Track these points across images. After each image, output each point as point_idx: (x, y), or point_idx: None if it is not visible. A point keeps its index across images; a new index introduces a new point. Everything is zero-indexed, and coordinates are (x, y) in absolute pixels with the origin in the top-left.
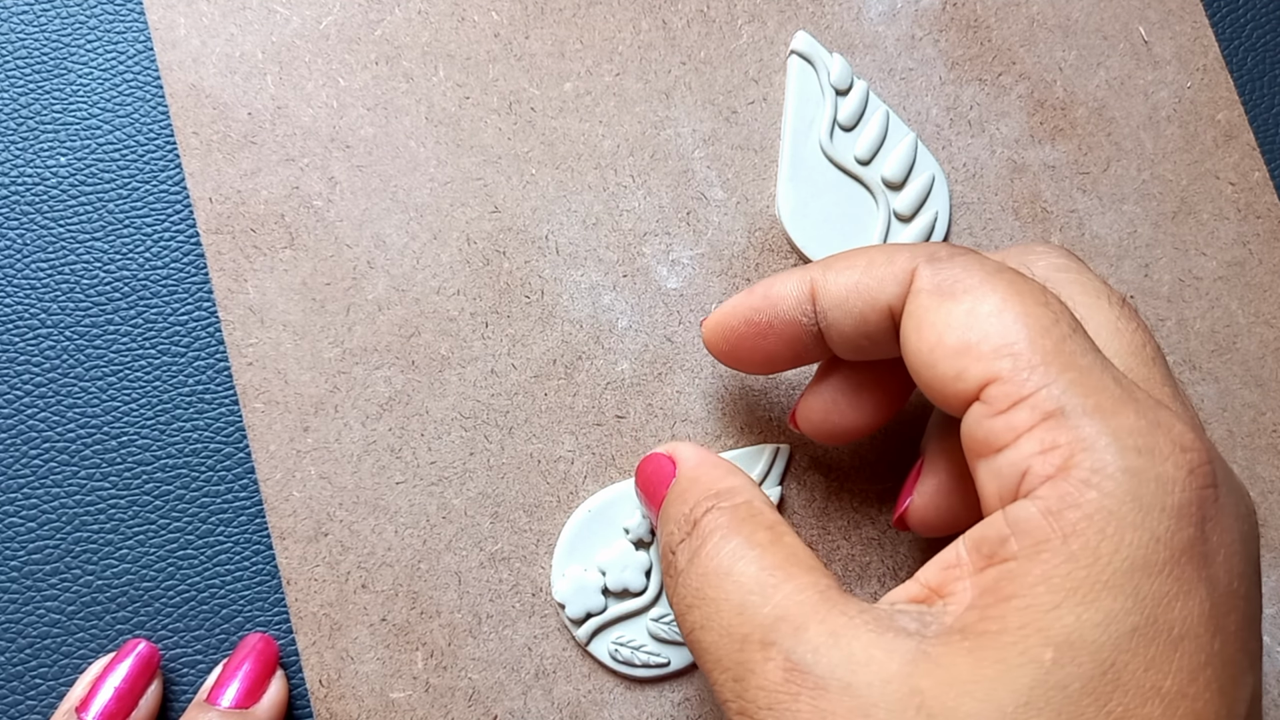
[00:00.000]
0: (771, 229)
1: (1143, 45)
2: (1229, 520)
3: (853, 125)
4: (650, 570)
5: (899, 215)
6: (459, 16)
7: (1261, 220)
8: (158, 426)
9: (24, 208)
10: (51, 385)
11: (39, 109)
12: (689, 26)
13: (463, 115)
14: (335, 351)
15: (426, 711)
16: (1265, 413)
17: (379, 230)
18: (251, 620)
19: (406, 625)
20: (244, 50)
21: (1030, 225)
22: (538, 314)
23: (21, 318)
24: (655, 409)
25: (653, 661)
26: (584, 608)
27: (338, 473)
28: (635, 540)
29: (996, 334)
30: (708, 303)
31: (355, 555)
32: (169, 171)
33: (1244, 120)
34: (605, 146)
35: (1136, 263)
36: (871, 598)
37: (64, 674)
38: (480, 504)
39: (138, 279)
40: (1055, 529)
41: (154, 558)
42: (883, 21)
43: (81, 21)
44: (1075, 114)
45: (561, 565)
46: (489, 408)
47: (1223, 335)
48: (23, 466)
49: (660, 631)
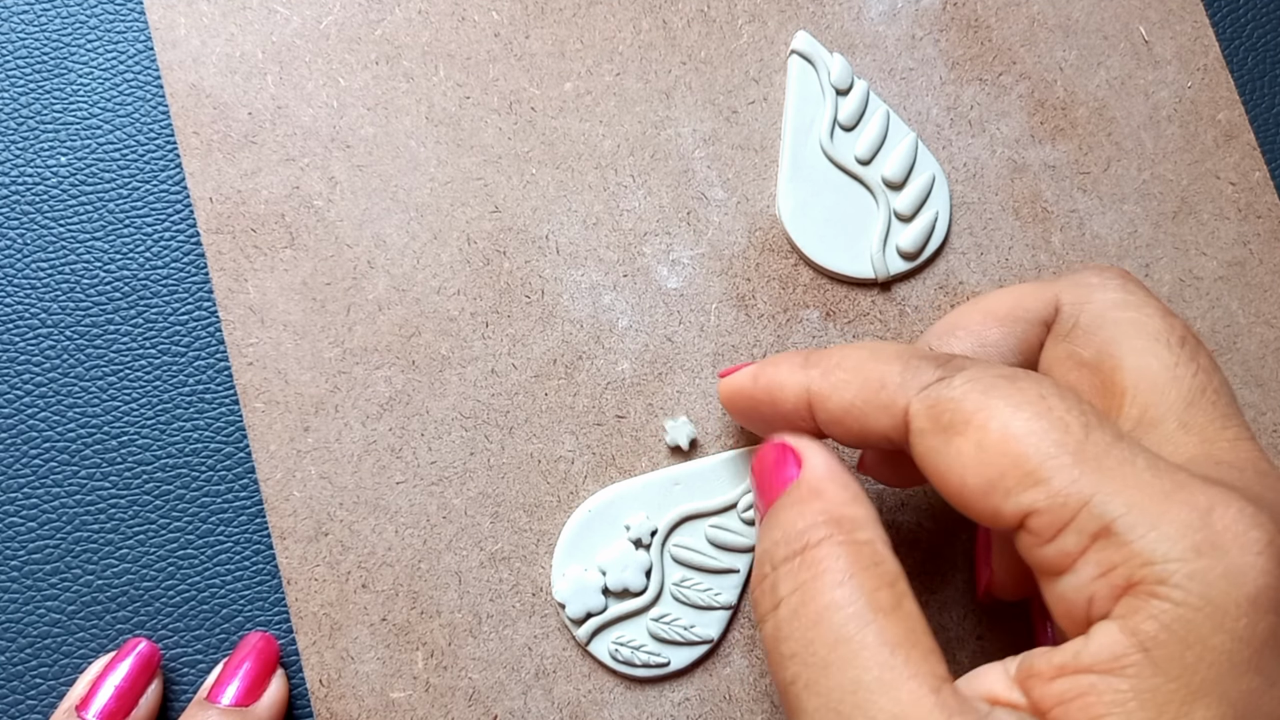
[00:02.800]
0: (772, 229)
1: (1143, 45)
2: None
3: (853, 125)
4: (650, 570)
5: (899, 215)
6: (459, 16)
7: (1262, 220)
8: (158, 426)
9: (24, 207)
10: (52, 385)
11: (39, 109)
12: (689, 26)
13: (463, 115)
14: (336, 351)
15: (426, 711)
16: (1265, 413)
17: (379, 230)
18: (252, 620)
19: (407, 625)
20: (244, 50)
21: (1030, 225)
22: (538, 314)
23: (21, 318)
24: (655, 409)
25: (653, 661)
26: (584, 607)
27: (338, 472)
28: (635, 540)
29: (1013, 464)
30: (708, 303)
31: (355, 555)
32: (169, 171)
33: (1244, 120)
34: (605, 146)
35: (1137, 263)
36: None
37: (64, 673)
38: (480, 504)
39: (138, 279)
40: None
41: (154, 557)
42: (883, 21)
43: (82, 21)
44: (1076, 114)
45: (562, 565)
46: (489, 408)
47: (1223, 335)
48: (23, 466)
49: (660, 631)
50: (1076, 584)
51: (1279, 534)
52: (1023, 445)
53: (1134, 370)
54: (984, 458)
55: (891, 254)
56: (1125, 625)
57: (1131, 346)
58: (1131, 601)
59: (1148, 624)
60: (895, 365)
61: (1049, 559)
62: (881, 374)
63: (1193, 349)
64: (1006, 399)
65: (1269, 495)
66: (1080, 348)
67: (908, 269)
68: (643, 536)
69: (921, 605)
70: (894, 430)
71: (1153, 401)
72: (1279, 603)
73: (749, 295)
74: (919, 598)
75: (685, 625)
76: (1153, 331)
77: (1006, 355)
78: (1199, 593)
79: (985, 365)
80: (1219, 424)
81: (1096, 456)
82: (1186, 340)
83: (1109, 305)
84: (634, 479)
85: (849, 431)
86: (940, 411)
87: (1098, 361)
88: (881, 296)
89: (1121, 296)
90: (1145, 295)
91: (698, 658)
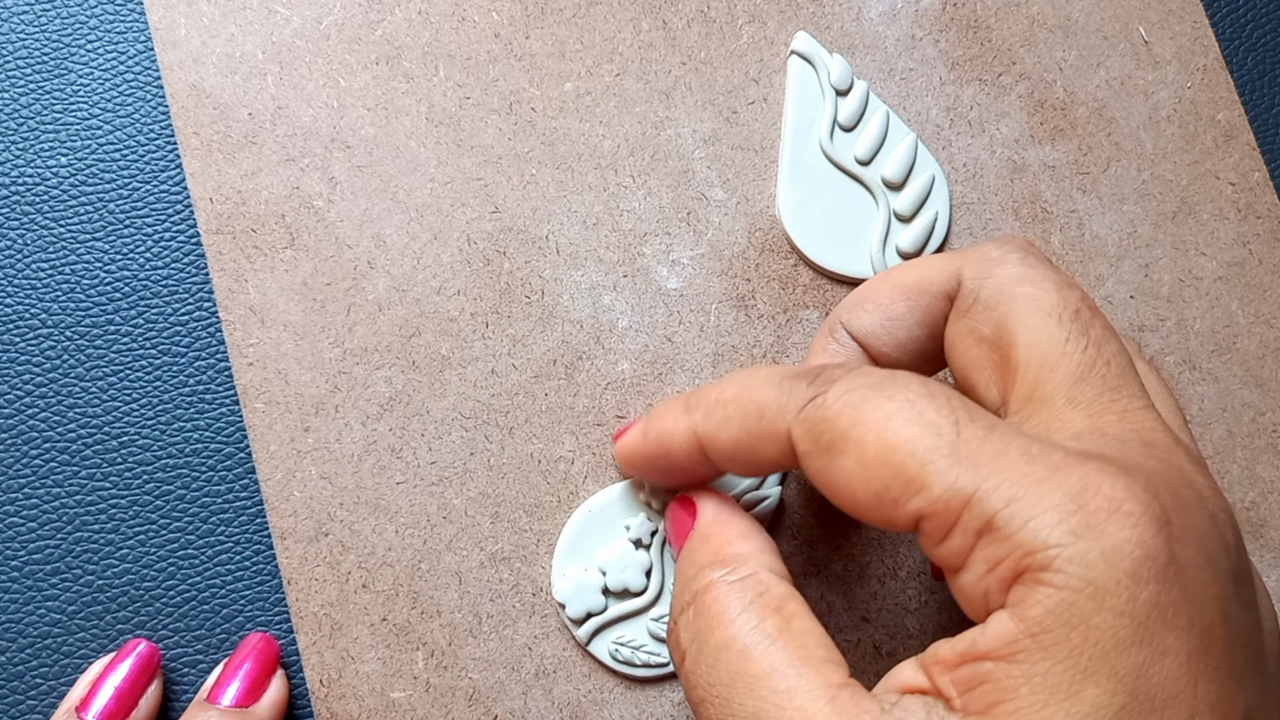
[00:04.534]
0: (772, 229)
1: (1143, 45)
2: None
3: (853, 125)
4: (650, 570)
5: (899, 215)
6: (459, 16)
7: (1261, 220)
8: (158, 426)
9: (24, 208)
10: (52, 385)
11: (39, 109)
12: (689, 27)
13: (463, 115)
14: (336, 352)
15: (427, 711)
16: (1265, 413)
17: (379, 230)
18: (252, 620)
19: (407, 625)
20: (244, 50)
21: (1030, 225)
22: (538, 314)
23: (22, 318)
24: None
25: (653, 661)
26: (584, 607)
27: (338, 473)
28: (635, 540)
29: (894, 474)
30: (708, 303)
31: (356, 555)
32: (169, 172)
33: (1244, 120)
34: (605, 147)
35: (1136, 263)
36: (871, 597)
37: (64, 674)
38: (480, 504)
39: (138, 279)
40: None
41: (155, 558)
42: (883, 22)
43: (82, 21)
44: (1075, 114)
45: (562, 565)
46: (489, 408)
47: (1223, 335)
48: (23, 466)
49: (660, 631)
50: (971, 579)
51: (1153, 502)
52: (899, 455)
53: (1025, 347)
54: (867, 473)
55: (891, 254)
56: (1015, 613)
57: (1025, 323)
58: (1020, 590)
59: (1034, 610)
60: (770, 391)
61: (944, 559)
62: (759, 403)
63: (1085, 322)
64: (877, 410)
65: (1150, 463)
66: (980, 324)
67: None
68: (643, 536)
69: (883, 586)
70: (784, 456)
71: (1042, 378)
72: (1158, 572)
73: (749, 295)
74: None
75: None
76: (1046, 306)
77: (912, 328)
78: (1079, 575)
79: (856, 374)
80: (1108, 397)
81: (970, 453)
82: (1080, 314)
83: (1007, 280)
84: (635, 479)
85: (745, 465)
86: (819, 432)
87: (996, 337)
88: None
89: (1019, 271)
90: (1044, 268)
91: None
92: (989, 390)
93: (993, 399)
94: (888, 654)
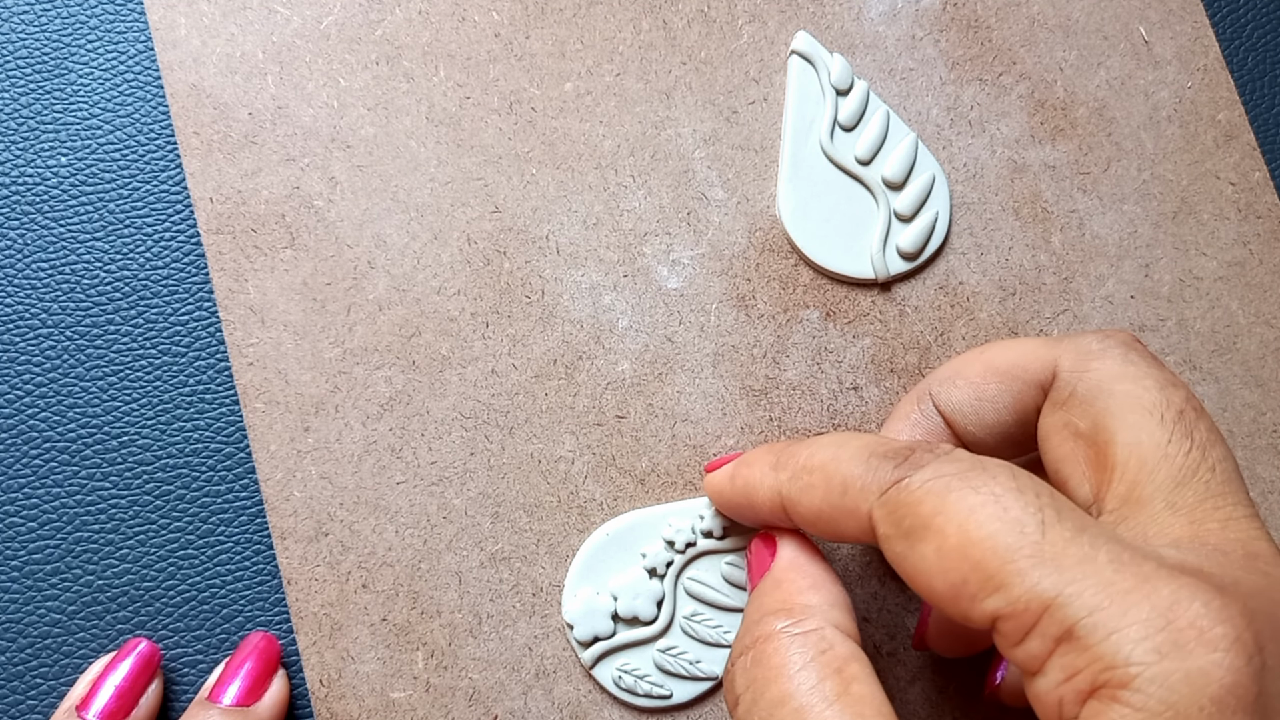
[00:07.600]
0: (772, 229)
1: (1143, 45)
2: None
3: (853, 125)
4: (662, 601)
5: (899, 215)
6: (459, 16)
7: (1262, 220)
8: (158, 426)
9: (24, 208)
10: (52, 385)
11: (39, 109)
12: (689, 26)
13: (463, 115)
14: (336, 351)
15: (427, 711)
16: (1265, 413)
17: (379, 230)
18: (252, 620)
19: (407, 625)
20: (244, 50)
21: (1030, 225)
22: (538, 314)
23: (22, 318)
24: (655, 409)
25: (655, 693)
26: (592, 631)
27: (338, 473)
28: (650, 569)
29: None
30: (708, 303)
31: (356, 555)
32: (169, 171)
33: (1244, 120)
34: (606, 146)
35: (1136, 263)
36: (871, 597)
37: (65, 673)
38: (481, 504)
39: (138, 279)
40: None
41: (155, 557)
42: (883, 21)
43: (82, 21)
44: (1075, 114)
45: (574, 586)
46: (489, 408)
47: (1223, 335)
48: (23, 466)
49: (666, 664)
50: (1047, 686)
51: (1247, 627)
52: (980, 550)
53: (1124, 446)
54: (945, 564)
55: (891, 254)
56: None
57: (1124, 421)
58: (1096, 705)
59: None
60: (857, 466)
61: (1020, 660)
62: (844, 477)
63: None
64: (961, 500)
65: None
66: (1076, 418)
67: (908, 269)
68: (658, 566)
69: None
70: (863, 534)
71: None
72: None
73: (749, 295)
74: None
75: (692, 660)
76: (1148, 405)
77: (1001, 412)
78: (1160, 697)
79: (944, 460)
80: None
81: (1055, 556)
82: (1185, 415)
83: (1107, 375)
84: (658, 506)
85: (825, 534)
86: (900, 517)
87: (1093, 434)
88: (881, 297)
89: (1120, 367)
90: (1147, 365)
91: (701, 693)
92: (1081, 486)
93: (1085, 495)
94: (888, 654)
